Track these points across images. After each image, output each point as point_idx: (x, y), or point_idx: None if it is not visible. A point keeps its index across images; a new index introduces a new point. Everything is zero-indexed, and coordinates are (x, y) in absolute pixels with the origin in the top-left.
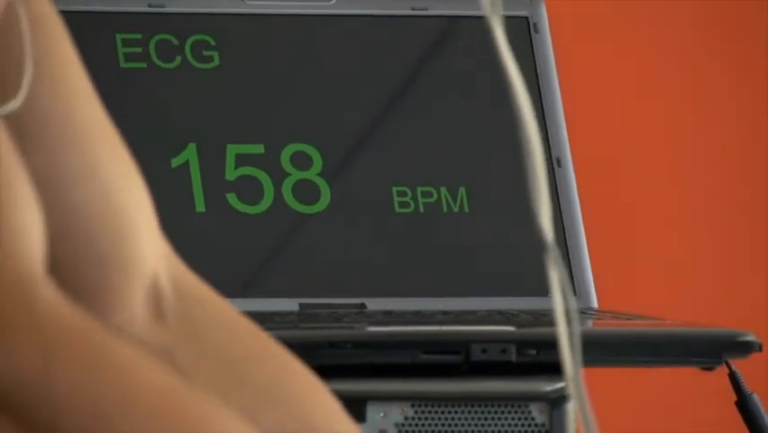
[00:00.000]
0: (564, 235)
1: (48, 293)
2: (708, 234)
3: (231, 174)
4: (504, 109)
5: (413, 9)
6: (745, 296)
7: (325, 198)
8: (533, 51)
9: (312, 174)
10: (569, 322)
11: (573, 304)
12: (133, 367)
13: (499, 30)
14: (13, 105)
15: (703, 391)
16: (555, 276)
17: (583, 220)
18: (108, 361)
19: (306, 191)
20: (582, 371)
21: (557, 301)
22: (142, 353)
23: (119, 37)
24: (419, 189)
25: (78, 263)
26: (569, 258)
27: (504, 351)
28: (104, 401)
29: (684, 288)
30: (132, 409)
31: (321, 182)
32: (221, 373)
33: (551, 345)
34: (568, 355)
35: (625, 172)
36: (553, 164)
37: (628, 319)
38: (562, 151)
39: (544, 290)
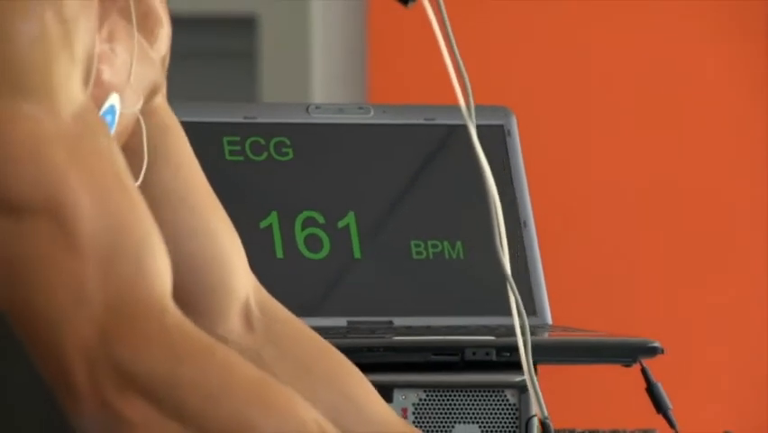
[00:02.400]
0: (528, 275)
1: (174, 312)
2: (630, 268)
3: (300, 233)
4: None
5: (425, 120)
6: (657, 313)
7: (365, 248)
8: (506, 150)
9: (357, 232)
10: (524, 332)
11: (526, 322)
12: (235, 364)
13: (474, 136)
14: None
15: (623, 381)
16: (513, 301)
17: (542, 263)
18: (216, 360)
19: (349, 242)
20: (539, 368)
21: (515, 318)
22: (240, 356)
23: (225, 139)
24: (429, 242)
25: (192, 292)
26: (531, 289)
27: (487, 353)
28: (213, 389)
29: (612, 307)
30: (234, 394)
31: (362, 238)
32: (293, 367)
33: (517, 349)
34: (523, 355)
35: (576, 232)
36: (521, 225)
37: (572, 331)
38: (527, 216)
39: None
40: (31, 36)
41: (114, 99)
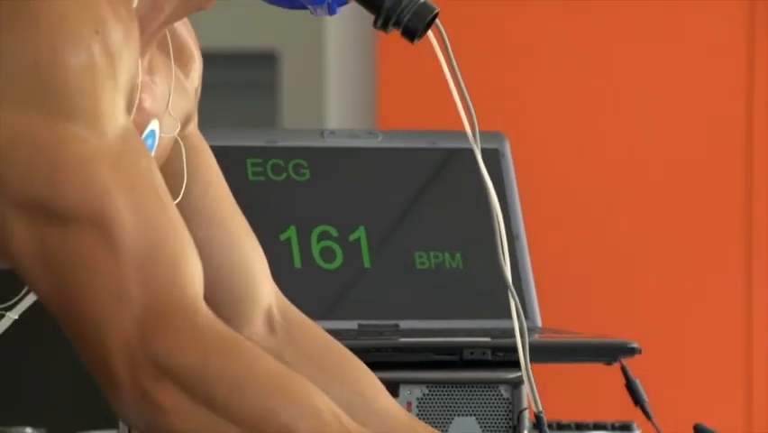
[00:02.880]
0: (520, 282)
1: (206, 312)
2: (613, 274)
3: (316, 245)
4: (484, 208)
5: (428, 144)
6: (636, 316)
7: (374, 259)
8: (501, 170)
9: (367, 245)
10: (523, 336)
11: (524, 325)
12: (259, 358)
13: (479, 157)
14: (175, 201)
15: (606, 377)
16: (514, 309)
17: (533, 271)
18: (242, 355)
19: (360, 253)
20: (532, 366)
21: (515, 323)
22: (263, 351)
23: (248, 161)
24: (431, 253)
25: (220, 300)
26: (523, 295)
27: (484, 353)
28: (239, 379)
29: (596, 310)
30: (258, 385)
31: (372, 250)
32: (309, 366)
33: (512, 350)
34: (522, 356)
35: (563, 243)
36: (514, 238)
37: (560, 334)
38: (519, 229)
39: (508, 315)
40: (80, 66)
41: (154, 125)
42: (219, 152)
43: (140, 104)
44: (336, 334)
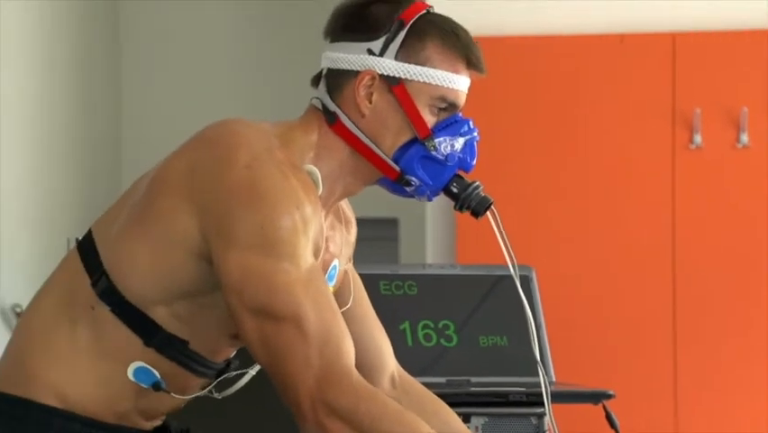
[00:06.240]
0: (542, 354)
1: (357, 374)
2: (599, 349)
3: (420, 332)
4: (520, 311)
5: (487, 272)
6: (612, 372)
7: (456, 341)
8: (530, 289)
9: (452, 331)
10: (545, 388)
11: (546, 381)
12: (388, 402)
13: (517, 283)
14: (345, 307)
15: (592, 413)
16: (540, 372)
17: (550, 347)
18: (378, 400)
19: (447, 337)
20: (552, 406)
21: (541, 379)
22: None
23: (380, 282)
24: (489, 336)
25: (363, 369)
26: (544, 362)
27: (521, 397)
28: (377, 415)
29: (590, 368)
30: (388, 418)
31: (455, 335)
32: (416, 407)
33: (539, 395)
34: (545, 399)
35: (569, 332)
36: (539, 327)
37: (566, 385)
38: (541, 322)
39: (536, 374)
40: (287, 228)
41: (335, 262)
42: (365, 277)
43: (326, 249)
44: (432, 385)
